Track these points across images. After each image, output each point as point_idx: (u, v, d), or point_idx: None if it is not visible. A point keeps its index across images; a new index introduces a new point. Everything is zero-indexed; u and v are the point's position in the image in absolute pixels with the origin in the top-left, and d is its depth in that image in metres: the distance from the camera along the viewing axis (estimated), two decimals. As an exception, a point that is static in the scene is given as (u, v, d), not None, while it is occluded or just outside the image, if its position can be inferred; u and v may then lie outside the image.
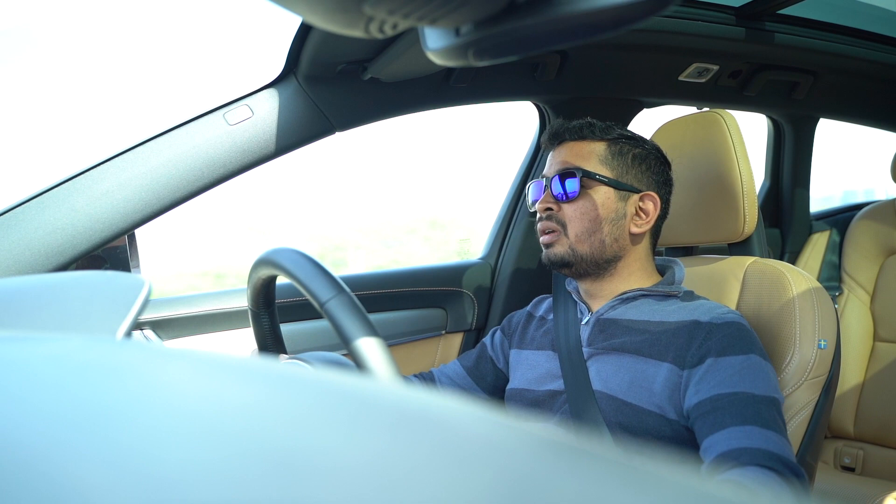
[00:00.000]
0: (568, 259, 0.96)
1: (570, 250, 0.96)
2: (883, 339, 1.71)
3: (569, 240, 0.96)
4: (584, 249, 0.96)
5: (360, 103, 1.21)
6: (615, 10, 0.26)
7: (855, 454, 1.65)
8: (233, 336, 1.23)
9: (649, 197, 0.98)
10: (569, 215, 0.96)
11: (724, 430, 0.75)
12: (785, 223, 1.91)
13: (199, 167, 1.07)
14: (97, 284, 0.42)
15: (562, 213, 0.97)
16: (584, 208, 0.95)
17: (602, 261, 0.97)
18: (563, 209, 0.97)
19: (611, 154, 0.97)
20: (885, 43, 1.52)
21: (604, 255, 0.96)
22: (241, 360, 0.24)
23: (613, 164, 0.97)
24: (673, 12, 1.25)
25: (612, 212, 0.96)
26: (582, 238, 0.95)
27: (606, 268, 0.98)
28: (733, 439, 0.75)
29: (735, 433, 0.75)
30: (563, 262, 0.97)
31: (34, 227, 0.97)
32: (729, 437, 0.75)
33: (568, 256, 0.96)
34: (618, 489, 0.15)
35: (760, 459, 0.72)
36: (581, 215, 0.95)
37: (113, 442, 0.16)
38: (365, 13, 0.27)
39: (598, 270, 0.98)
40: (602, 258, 0.96)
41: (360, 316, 0.59)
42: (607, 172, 0.96)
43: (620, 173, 0.97)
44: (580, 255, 0.96)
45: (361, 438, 0.17)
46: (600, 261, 0.96)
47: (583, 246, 0.96)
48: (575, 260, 0.96)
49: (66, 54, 39.72)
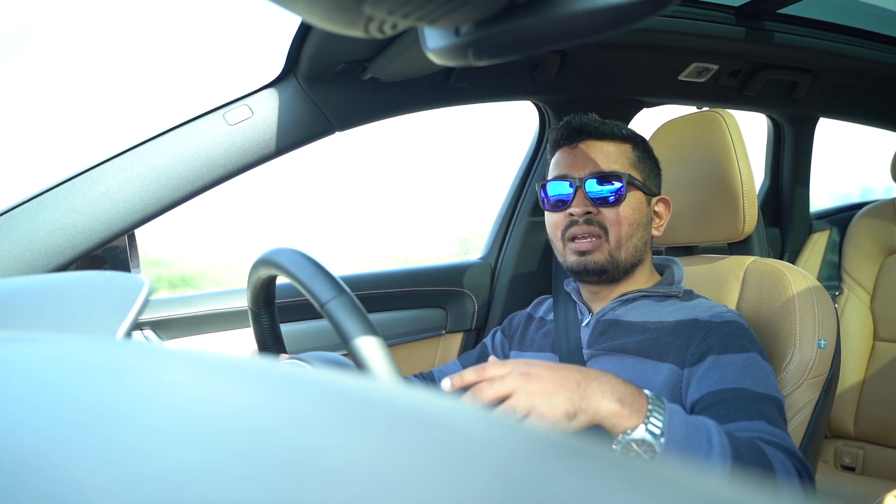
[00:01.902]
0: (606, 266, 0.94)
1: (609, 257, 0.94)
2: (883, 339, 1.71)
3: (609, 245, 0.94)
4: (621, 255, 0.94)
5: (360, 103, 1.21)
6: (615, 9, 0.26)
7: (855, 454, 1.65)
8: (233, 336, 1.23)
9: (663, 200, 1.00)
10: (610, 219, 0.93)
11: (731, 424, 0.75)
12: (785, 223, 1.91)
13: (199, 167, 1.07)
14: (97, 285, 0.42)
15: (601, 217, 0.94)
16: (625, 212, 0.94)
17: (630, 265, 0.96)
18: (603, 213, 0.94)
19: (637, 157, 0.97)
20: (884, 42, 1.52)
21: (633, 260, 0.96)
22: (241, 361, 0.24)
23: (641, 168, 0.97)
24: (672, 12, 1.25)
25: (644, 216, 0.96)
26: (622, 243, 0.94)
27: (631, 271, 0.97)
28: (742, 432, 0.74)
29: (742, 427, 0.75)
30: (602, 270, 0.94)
31: (34, 227, 0.97)
32: (737, 431, 0.75)
33: (607, 264, 0.94)
34: (617, 489, 0.15)
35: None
36: (623, 219, 0.93)
37: (113, 442, 0.16)
38: (365, 13, 0.27)
39: (623, 275, 0.97)
40: (631, 263, 0.96)
41: (361, 316, 0.59)
42: (638, 176, 0.96)
43: (646, 176, 0.97)
44: (618, 261, 0.94)
45: (361, 438, 0.17)
46: (629, 266, 0.96)
47: (621, 251, 0.94)
48: (612, 266, 0.94)
49: (66, 54, 39.73)
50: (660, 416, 0.66)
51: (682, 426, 0.67)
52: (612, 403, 0.66)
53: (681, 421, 0.67)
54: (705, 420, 0.70)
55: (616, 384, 0.68)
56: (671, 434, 0.66)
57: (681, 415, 0.68)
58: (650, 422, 0.66)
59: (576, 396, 0.65)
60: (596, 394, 0.66)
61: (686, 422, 0.68)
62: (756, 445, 0.70)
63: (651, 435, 0.65)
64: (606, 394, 0.66)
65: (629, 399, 0.66)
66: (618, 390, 0.67)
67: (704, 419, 0.70)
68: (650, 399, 0.68)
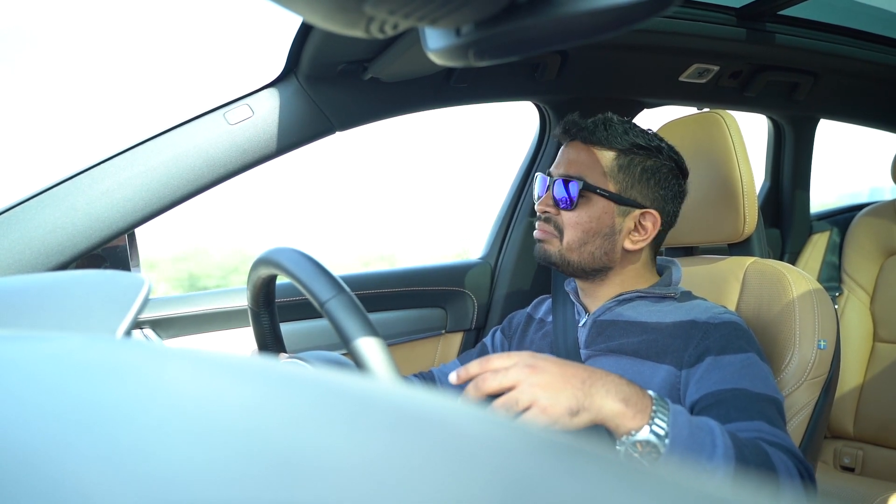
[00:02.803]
0: (556, 261, 0.97)
1: (559, 254, 0.96)
2: (883, 340, 1.71)
3: (561, 245, 0.96)
4: (572, 257, 0.95)
5: (361, 103, 1.21)
6: (616, 10, 0.26)
7: (855, 454, 1.65)
8: (233, 335, 1.23)
9: (650, 214, 0.95)
10: (565, 222, 0.95)
11: (732, 424, 0.75)
12: (785, 224, 1.91)
13: (200, 167, 1.07)
14: (97, 283, 0.42)
15: (559, 219, 0.96)
16: (580, 219, 0.94)
17: (590, 270, 0.96)
18: (562, 215, 0.96)
19: (618, 166, 0.94)
20: (885, 44, 1.52)
21: (592, 265, 0.96)
22: (240, 360, 0.24)
23: (619, 178, 0.94)
24: (674, 13, 1.25)
25: (608, 226, 0.94)
26: (573, 247, 0.95)
27: (595, 275, 0.98)
28: (742, 433, 0.74)
29: (743, 427, 0.75)
30: (551, 262, 0.98)
31: (34, 226, 0.97)
32: (738, 431, 0.75)
33: (556, 258, 0.97)
34: (617, 489, 0.15)
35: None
36: (576, 225, 0.94)
37: (113, 441, 0.16)
38: (366, 13, 0.27)
39: (587, 276, 0.98)
40: (590, 268, 0.96)
41: (360, 315, 0.59)
42: (611, 186, 0.94)
43: (625, 187, 0.94)
44: (568, 260, 0.96)
45: (361, 438, 0.17)
46: (588, 269, 0.96)
47: (572, 254, 0.95)
48: (562, 264, 0.96)
49: (66, 54, 39.64)
50: (664, 416, 0.66)
51: (686, 427, 0.67)
52: (616, 403, 0.65)
53: (685, 421, 0.67)
54: (709, 420, 0.70)
55: (621, 384, 0.67)
56: (675, 435, 0.65)
57: (684, 415, 0.68)
58: (654, 423, 0.65)
59: (580, 394, 0.65)
60: (600, 392, 0.66)
61: (690, 422, 0.68)
62: (759, 446, 0.70)
63: (655, 436, 0.65)
64: (611, 393, 0.66)
65: (633, 399, 0.66)
66: (622, 390, 0.67)
67: (708, 420, 0.70)
68: (654, 400, 0.68)
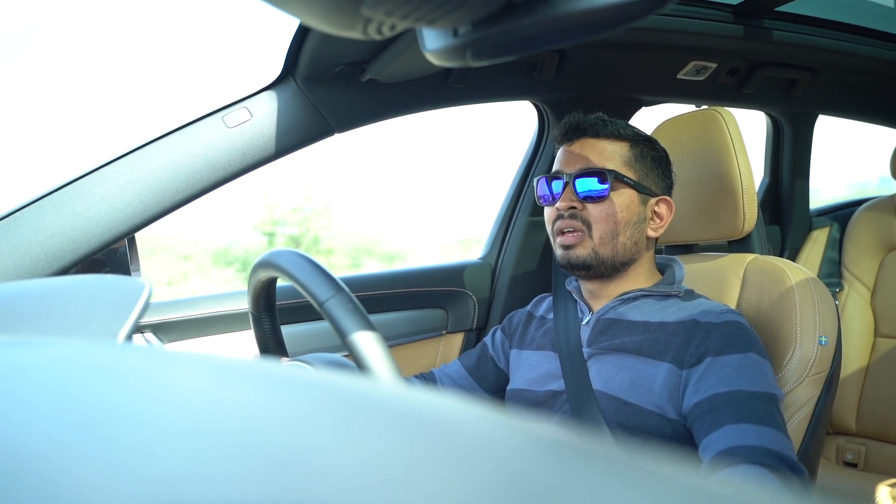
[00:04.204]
0: (590, 262, 0.95)
1: (592, 253, 0.95)
2: (884, 335, 1.71)
3: (592, 241, 0.95)
4: (606, 252, 0.95)
5: (359, 104, 1.21)
6: (613, 8, 0.26)
7: (857, 450, 1.65)
8: (234, 339, 1.23)
9: (665, 201, 0.99)
10: (594, 216, 0.94)
11: (721, 429, 0.75)
12: (785, 220, 1.91)
13: (199, 170, 1.07)
14: (98, 288, 0.42)
15: (586, 213, 0.95)
16: (610, 210, 0.94)
17: (619, 263, 0.96)
18: (589, 209, 0.95)
19: (633, 156, 0.97)
20: (883, 39, 1.52)
21: (623, 258, 0.96)
22: (242, 363, 0.24)
23: (636, 167, 0.96)
24: (671, 10, 1.25)
25: (635, 215, 0.96)
26: (605, 240, 0.94)
27: (621, 270, 0.97)
28: (729, 438, 0.75)
29: (730, 431, 0.75)
30: (585, 265, 0.95)
31: (34, 231, 0.97)
32: (725, 436, 0.75)
33: (590, 259, 0.95)
34: (617, 488, 0.15)
35: (755, 457, 0.72)
36: (607, 217, 0.94)
37: (115, 445, 0.16)
38: (363, 14, 0.27)
39: (613, 273, 0.97)
40: (621, 261, 0.96)
41: (359, 314, 0.59)
42: (632, 175, 0.96)
43: (642, 176, 0.97)
44: (602, 257, 0.95)
45: (362, 438, 0.17)
46: (618, 264, 0.96)
47: (605, 248, 0.95)
48: (596, 263, 0.95)
49: (66, 56, 39.59)
50: None
51: None
52: None
53: None
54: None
55: None
56: None
57: None
58: None
59: None
60: None
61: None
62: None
63: None
64: None
65: None
66: None
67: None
68: None
